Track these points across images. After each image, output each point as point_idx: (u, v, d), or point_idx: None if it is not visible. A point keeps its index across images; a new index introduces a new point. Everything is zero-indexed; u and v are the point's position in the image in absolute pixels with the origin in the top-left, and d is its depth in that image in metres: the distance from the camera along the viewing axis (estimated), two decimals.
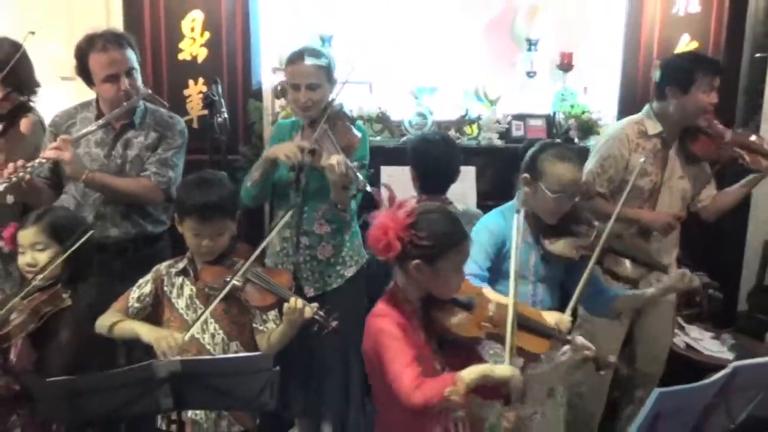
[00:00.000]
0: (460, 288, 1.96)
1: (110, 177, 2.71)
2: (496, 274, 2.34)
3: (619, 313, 2.57)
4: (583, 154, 2.86)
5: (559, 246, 2.40)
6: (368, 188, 2.38)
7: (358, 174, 2.37)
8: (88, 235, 2.20)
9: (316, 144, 2.51)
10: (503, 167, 3.53)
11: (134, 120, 2.78)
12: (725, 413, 2.06)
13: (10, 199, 2.57)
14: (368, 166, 2.66)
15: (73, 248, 2.14)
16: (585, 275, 2.24)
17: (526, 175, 2.40)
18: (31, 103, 3.13)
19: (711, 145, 2.87)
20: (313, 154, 2.52)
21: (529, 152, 2.44)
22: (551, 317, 2.06)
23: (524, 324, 1.97)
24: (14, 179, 2.43)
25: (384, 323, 1.88)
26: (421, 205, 1.97)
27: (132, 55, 2.73)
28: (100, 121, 2.71)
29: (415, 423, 1.87)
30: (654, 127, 2.86)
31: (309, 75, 2.62)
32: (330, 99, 2.68)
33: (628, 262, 2.47)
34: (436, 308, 1.94)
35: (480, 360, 2.02)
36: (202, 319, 2.11)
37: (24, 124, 3.05)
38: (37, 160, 2.57)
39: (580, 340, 1.96)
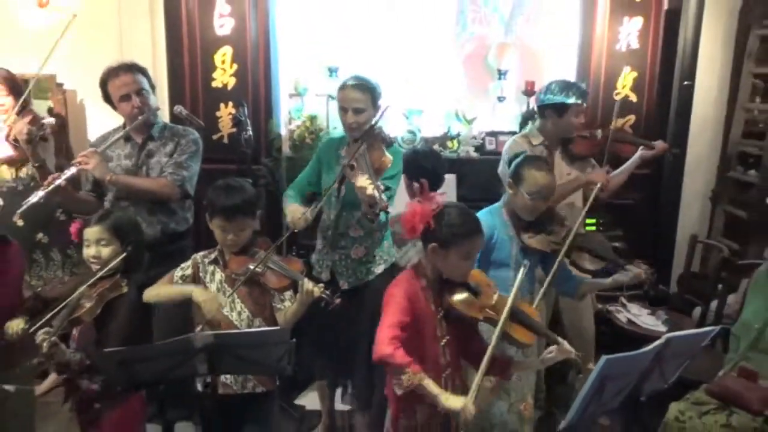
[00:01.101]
0: (468, 274, 1.98)
1: (131, 177, 2.74)
2: (485, 263, 2.36)
3: (583, 294, 2.58)
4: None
5: (535, 241, 2.43)
6: (389, 210, 2.32)
7: (383, 196, 2.29)
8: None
9: (354, 161, 2.40)
10: (478, 175, 3.55)
11: (153, 133, 2.80)
12: (659, 375, 2.07)
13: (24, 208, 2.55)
14: (393, 190, 2.55)
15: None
16: (554, 267, 2.31)
17: (510, 180, 2.44)
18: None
19: (588, 145, 3.04)
20: (352, 169, 2.41)
21: (514, 163, 2.48)
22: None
23: (519, 318, 1.98)
24: (52, 187, 2.48)
25: (395, 290, 1.94)
26: (447, 202, 2.01)
27: (141, 79, 2.75)
28: (120, 134, 2.74)
29: None
30: (537, 139, 2.97)
31: (355, 100, 2.54)
32: (372, 122, 2.56)
33: (587, 256, 2.49)
34: (449, 287, 1.96)
35: (477, 335, 2.06)
36: (228, 299, 2.13)
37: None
38: (67, 170, 2.59)
39: (566, 344, 1.95)
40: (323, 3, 3.88)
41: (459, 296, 1.95)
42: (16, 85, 3.07)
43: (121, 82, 2.69)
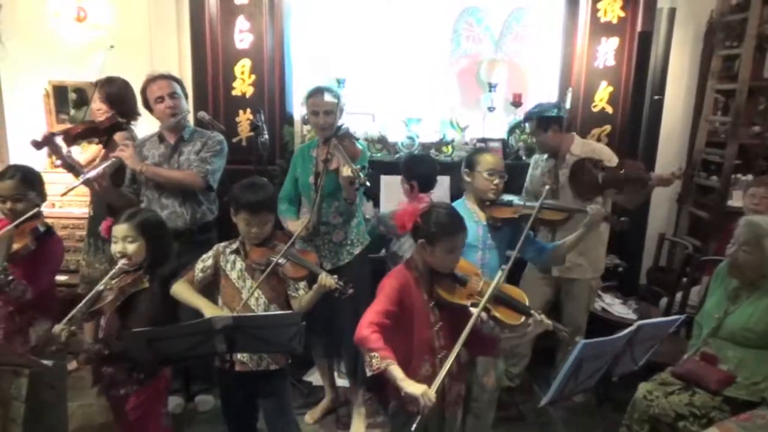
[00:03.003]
0: (454, 265, 1.98)
1: (160, 168, 2.75)
2: None
3: (562, 258, 2.52)
4: None
5: (502, 212, 2.42)
6: (367, 183, 2.43)
7: (361, 174, 2.41)
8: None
9: (329, 154, 2.57)
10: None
11: (184, 135, 2.81)
12: (630, 358, 2.08)
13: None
14: (367, 171, 2.62)
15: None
16: (524, 234, 2.26)
17: (466, 170, 2.47)
18: (129, 125, 3.12)
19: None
20: (326, 162, 2.59)
21: (465, 158, 2.53)
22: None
23: (505, 300, 1.98)
24: (92, 173, 2.52)
25: (388, 280, 1.95)
26: (435, 202, 2.03)
27: (175, 85, 2.79)
28: (155, 132, 2.82)
29: (409, 357, 1.89)
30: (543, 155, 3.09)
31: (326, 104, 2.65)
32: (340, 123, 2.70)
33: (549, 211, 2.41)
34: (437, 278, 1.97)
35: (467, 322, 2.01)
36: (247, 284, 2.13)
37: (118, 137, 3.05)
38: (108, 162, 2.63)
39: (541, 317, 1.95)
40: (332, 22, 3.86)
41: (449, 289, 1.96)
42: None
43: (157, 86, 2.74)
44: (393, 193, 3.34)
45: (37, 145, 2.69)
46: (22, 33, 3.79)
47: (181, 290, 2.13)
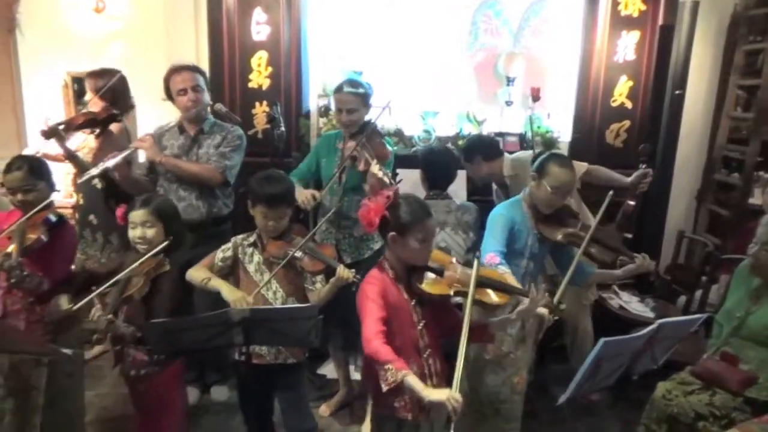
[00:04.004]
0: (428, 257, 1.91)
1: (179, 160, 2.75)
2: (509, 252, 2.28)
3: (591, 283, 2.50)
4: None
5: (552, 232, 2.35)
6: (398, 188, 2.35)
7: (391, 180, 2.33)
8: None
9: (356, 152, 2.51)
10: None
11: (204, 128, 2.80)
12: (650, 357, 2.05)
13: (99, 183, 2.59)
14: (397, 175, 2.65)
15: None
16: (574, 261, 2.19)
17: (534, 173, 2.36)
18: (122, 117, 3.13)
19: None
20: (353, 160, 2.51)
21: (540, 158, 2.41)
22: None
23: (487, 283, 1.92)
24: (110, 162, 2.52)
25: (366, 287, 1.86)
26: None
27: (198, 77, 2.77)
28: (175, 122, 2.80)
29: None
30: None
31: (348, 102, 2.61)
32: (368, 120, 2.64)
33: (598, 247, 2.35)
34: (414, 273, 1.90)
35: (452, 311, 1.97)
36: (265, 277, 2.12)
37: (113, 128, 3.06)
38: (125, 152, 2.62)
39: (533, 292, 1.88)
40: (350, 15, 3.85)
41: (428, 281, 1.89)
42: None
43: (180, 78, 2.73)
44: (408, 186, 3.32)
45: (45, 134, 2.72)
46: (41, 24, 3.81)
47: (198, 274, 2.13)
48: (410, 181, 3.30)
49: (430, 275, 1.90)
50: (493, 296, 1.91)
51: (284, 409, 2.27)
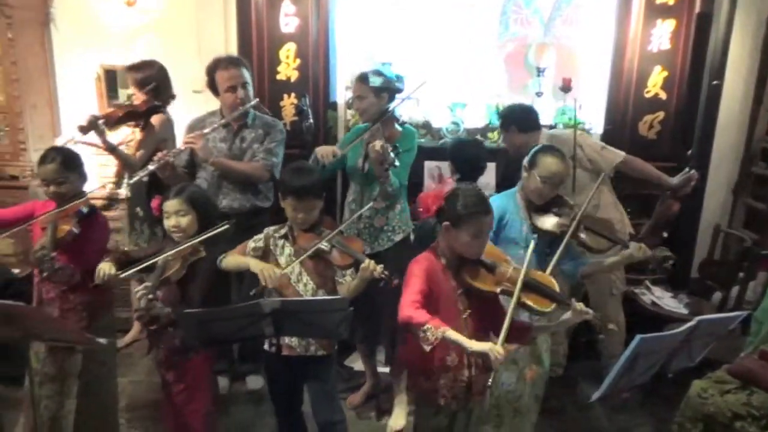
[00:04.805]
0: (481, 251, 1.91)
1: (230, 161, 2.75)
2: (495, 241, 2.27)
3: (586, 275, 2.44)
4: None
5: (545, 223, 2.34)
6: (396, 163, 2.43)
7: (391, 154, 2.41)
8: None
9: (371, 136, 2.57)
10: (517, 164, 3.43)
11: (247, 121, 2.80)
12: (687, 355, 2.00)
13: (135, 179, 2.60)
14: (400, 151, 2.58)
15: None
16: (562, 245, 2.20)
17: (525, 164, 2.37)
18: (165, 108, 3.16)
19: None
20: (369, 146, 2.55)
21: (532, 152, 2.40)
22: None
23: (535, 287, 1.91)
24: (162, 162, 2.52)
25: (415, 265, 1.89)
26: (461, 184, 1.97)
27: (245, 73, 2.75)
28: (222, 121, 2.74)
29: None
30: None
31: (360, 90, 2.69)
32: (387, 107, 2.68)
33: (593, 236, 2.35)
34: (465, 265, 1.91)
35: (498, 307, 1.98)
36: (296, 263, 2.11)
37: (155, 120, 3.08)
38: (175, 149, 2.63)
39: (579, 306, 1.88)
40: (378, 6, 3.81)
41: (477, 276, 1.89)
42: None
43: (229, 74, 2.71)
44: (437, 178, 3.30)
45: (83, 129, 2.74)
46: (75, 17, 3.85)
47: (230, 259, 2.17)
48: (439, 174, 3.29)
49: (481, 269, 1.91)
50: (541, 302, 1.90)
51: (314, 401, 2.28)
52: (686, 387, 2.37)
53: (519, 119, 2.96)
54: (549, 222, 2.33)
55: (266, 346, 2.18)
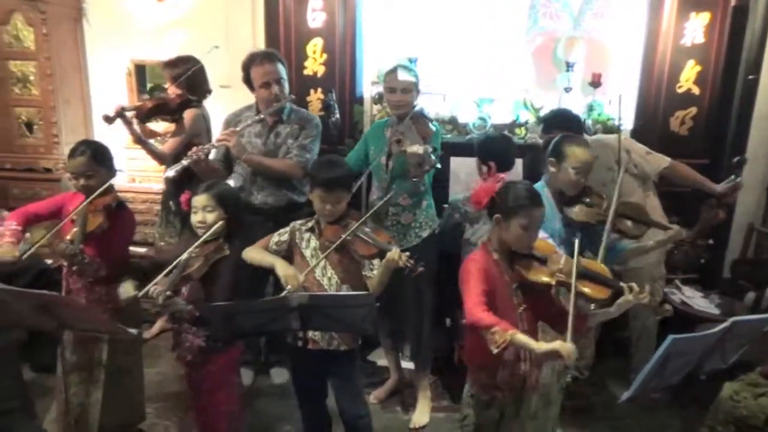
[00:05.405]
0: (531, 244, 1.92)
1: (264, 157, 2.76)
2: None
3: (627, 260, 2.49)
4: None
5: (579, 214, 2.33)
6: (438, 165, 2.43)
7: (431, 155, 2.39)
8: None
9: (401, 135, 2.53)
10: (543, 161, 3.39)
11: (282, 117, 2.80)
12: (720, 356, 1.94)
13: (171, 174, 2.60)
14: (438, 152, 2.60)
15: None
16: (605, 237, 2.20)
17: (552, 159, 2.37)
18: (200, 102, 3.18)
19: None
20: (398, 142, 2.54)
21: (553, 142, 2.40)
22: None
23: (589, 275, 1.90)
24: (195, 157, 2.53)
25: (469, 264, 1.90)
26: (512, 179, 2.02)
27: (281, 68, 2.75)
28: (257, 117, 2.76)
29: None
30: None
31: (403, 82, 2.61)
32: (414, 104, 2.65)
33: (629, 222, 2.37)
34: (518, 259, 1.92)
35: (550, 302, 1.96)
36: (320, 263, 2.12)
37: (187, 114, 3.09)
38: (209, 144, 2.65)
39: (635, 287, 1.86)
40: (405, 0, 3.78)
41: (531, 269, 1.90)
42: None
43: (264, 70, 2.70)
44: (463, 175, 3.27)
45: (109, 120, 2.77)
46: (106, 13, 3.92)
47: (254, 253, 2.18)
48: (464, 169, 3.24)
49: (534, 263, 1.92)
50: (597, 289, 1.89)
51: (338, 395, 2.28)
52: (717, 389, 2.32)
53: (563, 124, 2.92)
54: (583, 212, 2.33)
55: (289, 339, 2.19)
